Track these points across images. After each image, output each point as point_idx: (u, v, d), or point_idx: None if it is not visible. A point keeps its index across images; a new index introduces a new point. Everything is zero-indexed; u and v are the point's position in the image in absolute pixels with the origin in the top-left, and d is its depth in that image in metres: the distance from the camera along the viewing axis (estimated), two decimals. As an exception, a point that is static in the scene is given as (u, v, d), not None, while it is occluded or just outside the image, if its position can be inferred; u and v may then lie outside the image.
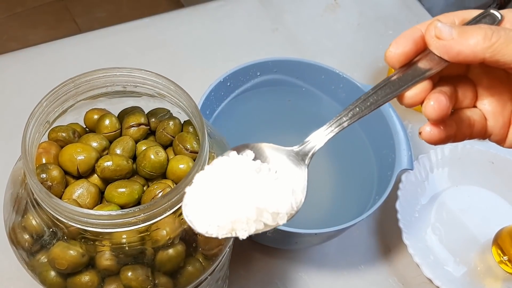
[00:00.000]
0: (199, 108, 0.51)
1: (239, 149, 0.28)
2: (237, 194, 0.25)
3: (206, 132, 0.31)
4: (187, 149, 0.35)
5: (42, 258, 0.31)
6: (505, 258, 0.55)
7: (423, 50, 0.28)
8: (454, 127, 0.29)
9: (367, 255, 0.57)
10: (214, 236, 0.25)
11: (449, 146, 0.62)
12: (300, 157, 0.29)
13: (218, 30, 0.75)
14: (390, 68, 0.70)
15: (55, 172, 0.32)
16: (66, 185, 0.33)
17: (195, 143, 0.35)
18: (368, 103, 0.28)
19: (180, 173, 0.34)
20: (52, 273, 0.31)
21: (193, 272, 0.33)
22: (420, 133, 0.28)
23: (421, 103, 0.28)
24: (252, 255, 0.55)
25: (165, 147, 0.36)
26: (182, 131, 0.37)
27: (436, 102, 0.27)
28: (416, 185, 0.59)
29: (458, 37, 0.26)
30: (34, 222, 0.31)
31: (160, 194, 0.32)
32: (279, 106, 0.61)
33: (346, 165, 0.60)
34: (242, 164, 0.27)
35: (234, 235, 0.25)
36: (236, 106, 0.58)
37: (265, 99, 0.59)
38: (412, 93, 0.27)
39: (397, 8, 0.82)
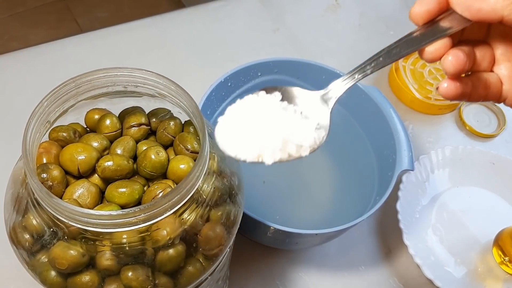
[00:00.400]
0: (200, 108, 0.51)
1: (267, 90, 0.30)
2: (265, 124, 0.28)
3: (206, 132, 0.31)
4: (187, 149, 0.35)
5: (43, 258, 0.31)
6: (506, 259, 0.55)
7: (445, 10, 0.30)
8: (470, 86, 0.30)
9: (367, 256, 0.57)
10: (242, 159, 0.28)
11: (449, 147, 0.62)
12: (324, 100, 0.31)
13: (219, 30, 0.75)
14: (393, 65, 0.70)
15: (56, 172, 0.32)
16: (67, 185, 0.33)
17: (195, 143, 0.35)
18: (391, 54, 0.30)
19: (180, 173, 0.34)
20: (53, 273, 0.31)
21: (193, 272, 0.33)
22: (437, 88, 0.30)
23: (440, 58, 0.29)
24: (252, 255, 0.55)
25: (165, 147, 0.36)
26: (182, 131, 0.37)
27: (454, 57, 0.28)
28: (417, 186, 0.59)
29: None
30: (34, 222, 0.31)
31: (160, 194, 0.32)
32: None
33: (347, 166, 0.60)
34: (270, 101, 0.29)
35: (260, 160, 0.28)
36: (237, 106, 0.58)
37: (266, 99, 0.59)
38: (432, 49, 0.29)
39: (398, 8, 0.82)
